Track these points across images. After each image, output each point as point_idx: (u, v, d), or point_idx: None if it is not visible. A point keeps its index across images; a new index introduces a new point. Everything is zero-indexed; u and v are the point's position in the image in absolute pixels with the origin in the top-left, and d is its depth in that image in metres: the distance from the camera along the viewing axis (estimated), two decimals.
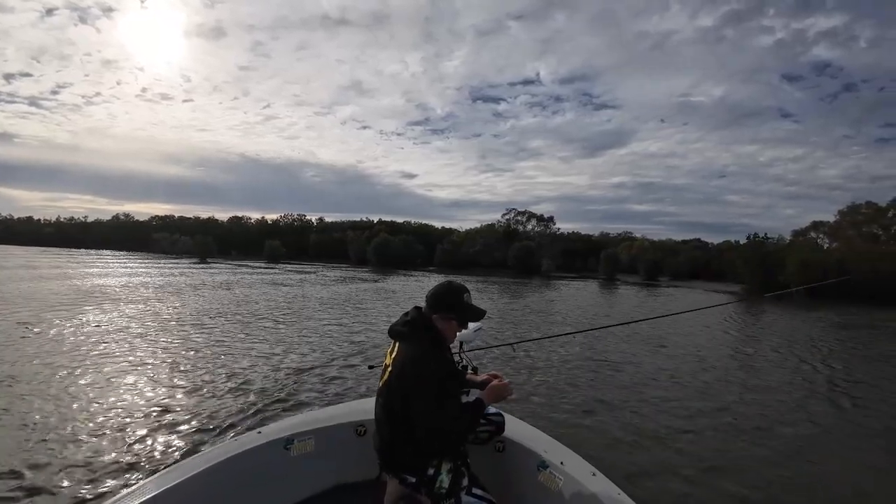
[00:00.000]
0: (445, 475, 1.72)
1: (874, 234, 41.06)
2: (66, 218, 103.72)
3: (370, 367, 4.12)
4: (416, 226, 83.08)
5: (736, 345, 10.45)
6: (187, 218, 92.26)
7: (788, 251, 37.37)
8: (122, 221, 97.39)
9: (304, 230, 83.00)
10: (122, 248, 78.61)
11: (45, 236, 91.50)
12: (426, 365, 1.68)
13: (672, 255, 52.77)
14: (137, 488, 1.62)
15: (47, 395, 4.91)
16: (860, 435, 5.03)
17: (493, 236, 63.44)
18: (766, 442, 4.66)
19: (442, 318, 1.83)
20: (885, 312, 20.80)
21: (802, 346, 10.68)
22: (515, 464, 2.13)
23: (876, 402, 6.24)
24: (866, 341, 12.35)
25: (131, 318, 10.31)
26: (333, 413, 2.42)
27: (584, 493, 1.78)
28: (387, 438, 1.76)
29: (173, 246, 68.61)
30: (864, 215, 42.29)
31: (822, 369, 8.19)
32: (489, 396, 1.85)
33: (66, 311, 10.77)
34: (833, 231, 43.01)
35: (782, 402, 6.04)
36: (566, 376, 6.75)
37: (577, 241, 70.54)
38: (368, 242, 62.23)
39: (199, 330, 9.22)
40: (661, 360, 8.19)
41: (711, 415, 5.38)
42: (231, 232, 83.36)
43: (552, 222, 66.77)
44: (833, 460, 4.32)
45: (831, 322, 16.10)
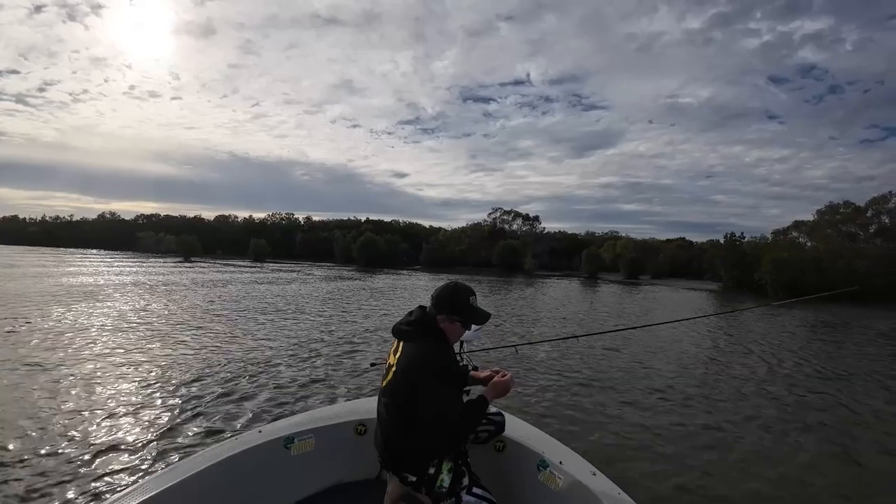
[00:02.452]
0: (446, 474, 1.71)
1: (851, 233, 41.76)
2: (52, 217, 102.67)
3: (371, 364, 4.16)
4: (404, 225, 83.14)
5: (727, 345, 10.42)
6: (173, 216, 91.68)
7: (764, 250, 37.85)
8: (108, 220, 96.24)
9: (291, 229, 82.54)
10: (107, 248, 77.88)
11: (30, 235, 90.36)
12: (431, 364, 1.68)
13: (654, 254, 53.17)
14: (137, 487, 1.62)
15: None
16: (857, 431, 5.10)
17: (479, 235, 63.69)
18: (765, 441, 4.67)
19: (447, 320, 1.81)
20: (863, 310, 20.89)
21: (779, 345, 10.70)
22: (516, 463, 2.12)
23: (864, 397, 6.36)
24: (841, 339, 12.39)
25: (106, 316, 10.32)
26: (333, 412, 2.40)
27: (584, 492, 1.78)
28: (388, 437, 1.75)
29: (158, 245, 68.07)
30: (843, 215, 43.02)
31: (804, 367, 8.29)
32: (492, 393, 1.83)
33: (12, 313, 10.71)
34: (811, 230, 43.65)
35: (778, 400, 6.10)
36: (566, 376, 6.76)
37: (563, 240, 70.86)
38: (354, 242, 62.16)
39: (162, 331, 9.23)
40: (660, 361, 8.18)
41: (711, 415, 5.39)
42: (217, 231, 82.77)
43: (538, 221, 67.25)
44: (838, 458, 4.35)
45: (807, 321, 16.03)
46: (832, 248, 37.11)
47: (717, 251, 42.39)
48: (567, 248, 64.89)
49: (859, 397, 6.41)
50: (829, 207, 43.66)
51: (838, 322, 16.19)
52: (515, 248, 56.66)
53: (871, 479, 4.01)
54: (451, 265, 57.38)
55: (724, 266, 38.89)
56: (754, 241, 43.16)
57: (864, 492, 3.77)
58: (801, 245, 40.48)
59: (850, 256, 34.80)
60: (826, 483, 3.84)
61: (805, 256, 35.88)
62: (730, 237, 41.19)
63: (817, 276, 33.18)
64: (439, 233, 70.19)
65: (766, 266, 34.80)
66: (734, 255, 38.47)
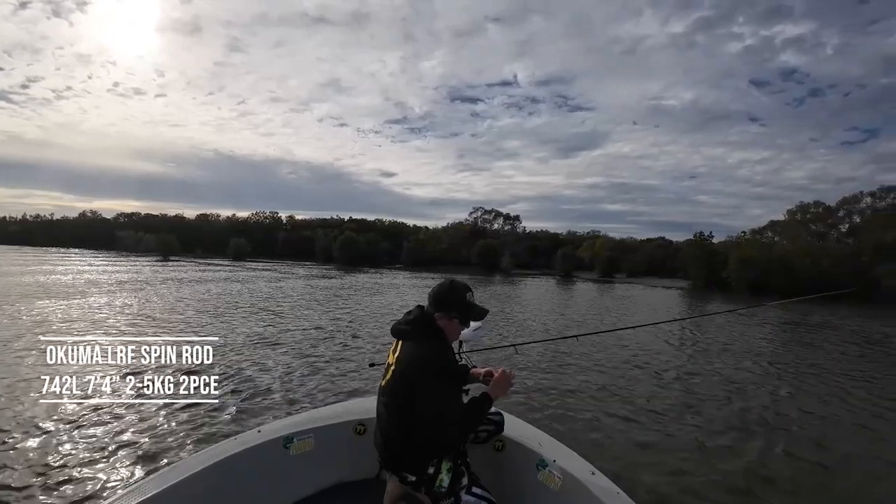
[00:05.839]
0: (445, 474, 1.71)
1: (821, 232, 42.53)
2: (33, 216, 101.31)
3: (371, 364, 4.30)
4: (388, 224, 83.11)
5: (727, 345, 10.44)
6: (153, 215, 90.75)
7: (732, 249, 38.47)
8: (89, 219, 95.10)
9: (274, 228, 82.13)
10: (87, 247, 77.00)
11: (10, 234, 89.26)
12: (430, 363, 1.68)
13: (631, 253, 53.78)
14: (137, 487, 1.62)
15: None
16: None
17: (460, 235, 64.07)
18: (764, 439, 4.71)
19: (444, 317, 1.82)
20: (827, 308, 21.09)
21: (779, 344, 10.91)
22: (515, 463, 2.13)
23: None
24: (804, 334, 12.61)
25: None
26: (333, 412, 2.40)
27: (583, 491, 1.78)
28: (388, 437, 1.75)
29: (137, 244, 67.53)
30: (813, 214, 43.79)
31: (803, 367, 8.43)
32: (495, 391, 1.83)
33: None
34: (782, 229, 44.38)
35: (778, 400, 6.20)
36: (565, 376, 6.78)
37: (545, 239, 71.35)
38: (335, 241, 62.13)
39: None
40: (660, 361, 8.21)
41: (711, 415, 5.41)
42: (199, 230, 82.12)
43: (518, 221, 68.00)
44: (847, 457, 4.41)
45: (776, 319, 16.25)
46: (800, 248, 37.85)
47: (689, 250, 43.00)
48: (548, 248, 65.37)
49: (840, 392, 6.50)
50: (800, 207, 44.50)
51: (836, 321, 16.38)
52: (494, 247, 57.26)
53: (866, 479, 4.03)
54: (432, 264, 57.61)
55: (693, 265, 39.42)
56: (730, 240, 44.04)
57: (866, 492, 3.80)
58: (767, 244, 41.12)
59: (817, 255, 35.52)
60: (826, 482, 3.88)
61: (772, 255, 36.52)
62: (698, 236, 41.73)
63: (783, 275, 33.92)
64: (420, 232, 70.41)
65: (733, 265, 35.42)
66: (703, 253, 39.02)
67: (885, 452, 4.58)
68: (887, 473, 4.17)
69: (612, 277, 48.86)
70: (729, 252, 37.77)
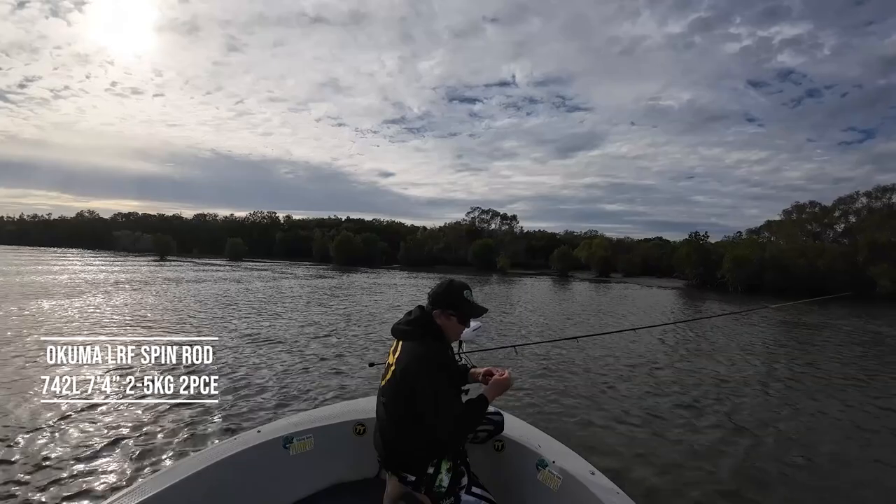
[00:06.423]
0: (445, 474, 1.71)
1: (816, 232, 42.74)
2: (30, 215, 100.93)
3: (370, 364, 4.33)
4: (385, 223, 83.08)
5: (727, 345, 10.51)
6: (151, 215, 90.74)
7: (727, 249, 38.61)
8: (86, 219, 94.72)
9: (271, 228, 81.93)
10: (84, 246, 76.67)
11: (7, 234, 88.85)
12: (430, 363, 1.68)
13: (627, 253, 53.90)
14: (137, 487, 1.62)
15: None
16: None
17: (457, 234, 64.09)
18: (764, 439, 4.72)
19: (442, 314, 1.83)
20: (822, 308, 20.98)
21: (778, 344, 10.94)
22: (514, 463, 2.12)
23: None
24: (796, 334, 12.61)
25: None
26: (332, 412, 2.40)
27: (582, 491, 1.77)
28: (387, 437, 1.75)
29: (135, 244, 67.35)
30: (809, 214, 44.02)
31: (802, 367, 8.44)
32: (492, 392, 1.81)
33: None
34: (778, 229, 44.58)
35: (779, 399, 6.25)
36: (564, 376, 6.80)
37: (542, 238, 71.38)
38: (332, 240, 62.07)
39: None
40: (660, 361, 8.24)
41: (711, 415, 5.43)
42: (196, 229, 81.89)
43: (515, 221, 68.01)
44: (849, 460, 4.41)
45: (771, 319, 16.26)
46: (795, 247, 38.02)
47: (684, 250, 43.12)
48: (545, 247, 65.43)
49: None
50: (796, 207, 44.71)
51: (831, 321, 16.35)
52: (490, 246, 57.35)
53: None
54: (429, 264, 57.65)
55: (689, 264, 39.55)
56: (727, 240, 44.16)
57: (865, 492, 3.83)
58: (762, 244, 41.27)
59: (812, 255, 35.69)
60: (827, 481, 3.88)
61: (766, 255, 36.67)
62: (693, 236, 41.88)
63: (778, 275, 34.10)
64: (417, 232, 70.37)
65: (728, 265, 35.56)
66: (698, 253, 39.16)
67: (879, 453, 4.60)
68: (882, 474, 4.19)
69: (608, 277, 48.99)
70: (724, 252, 37.89)
